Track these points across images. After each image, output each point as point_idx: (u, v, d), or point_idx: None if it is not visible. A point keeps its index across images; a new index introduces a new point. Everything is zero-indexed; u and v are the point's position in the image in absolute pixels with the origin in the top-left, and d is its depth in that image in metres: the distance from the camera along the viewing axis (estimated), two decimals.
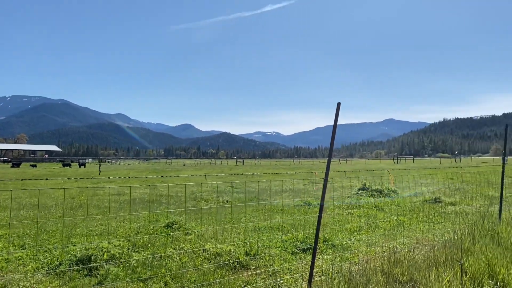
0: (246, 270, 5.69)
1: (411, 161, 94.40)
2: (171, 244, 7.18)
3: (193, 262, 6.03)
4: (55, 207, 12.45)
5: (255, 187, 18.56)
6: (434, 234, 7.95)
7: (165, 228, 8.51)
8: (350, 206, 12.09)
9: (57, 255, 6.34)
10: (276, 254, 6.42)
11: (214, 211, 11.29)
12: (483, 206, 11.57)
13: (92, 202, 13.67)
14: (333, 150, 5.21)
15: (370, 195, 14.39)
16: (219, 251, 6.41)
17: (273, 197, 14.90)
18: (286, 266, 5.82)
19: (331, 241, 7.25)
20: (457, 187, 17.34)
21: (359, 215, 10.37)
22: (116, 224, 9.40)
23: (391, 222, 9.36)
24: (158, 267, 5.76)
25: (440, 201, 12.51)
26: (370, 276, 5.07)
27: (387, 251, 6.43)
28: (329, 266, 5.77)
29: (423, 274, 5.10)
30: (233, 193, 16.19)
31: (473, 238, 6.65)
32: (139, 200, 14.29)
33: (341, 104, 5.22)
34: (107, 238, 7.65)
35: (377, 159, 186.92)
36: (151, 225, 9.07)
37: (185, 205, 12.80)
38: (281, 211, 11.39)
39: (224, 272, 5.60)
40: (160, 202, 13.72)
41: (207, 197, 14.76)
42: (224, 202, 13.51)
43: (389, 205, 12.19)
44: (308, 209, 11.67)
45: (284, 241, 7.23)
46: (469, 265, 5.20)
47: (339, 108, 5.09)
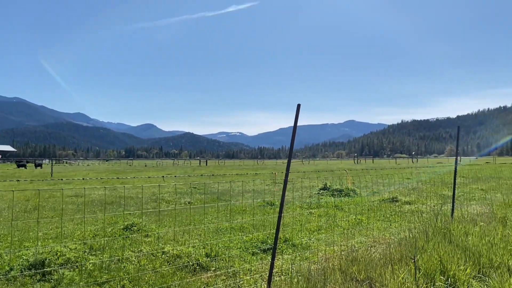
0: (206, 272, 5.66)
1: (370, 162, 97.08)
2: (129, 246, 7.03)
3: (152, 264, 5.93)
4: (8, 210, 11.92)
5: (217, 188, 18.48)
6: (390, 233, 8.20)
7: (124, 231, 8.33)
8: (311, 206, 12.26)
9: (8, 260, 6.07)
10: (237, 255, 6.42)
11: (174, 213, 11.15)
12: (437, 205, 12.03)
13: (48, 204, 13.18)
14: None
15: (331, 195, 14.66)
16: (178, 253, 6.33)
17: (235, 197, 14.88)
18: (246, 267, 5.83)
19: (292, 240, 7.33)
20: (413, 187, 17.95)
21: (320, 215, 10.54)
22: (72, 226, 9.12)
23: (350, 221, 9.58)
24: (116, 270, 5.62)
25: (397, 200, 12.90)
26: (329, 275, 5.16)
27: (345, 249, 6.56)
28: (289, 266, 5.83)
29: (379, 271, 5.24)
30: (195, 194, 16.06)
31: (427, 236, 6.90)
32: (97, 201, 13.90)
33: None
34: (63, 241, 7.39)
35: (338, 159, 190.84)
36: (110, 227, 8.85)
37: (142, 207, 12.57)
38: (243, 211, 11.40)
39: (183, 274, 5.54)
40: (120, 203, 13.41)
41: (169, 199, 14.56)
42: (185, 204, 13.37)
43: (348, 204, 12.46)
44: (270, 209, 11.74)
45: (245, 242, 7.24)
46: (422, 262, 5.39)
47: (299, 109, 5.15)
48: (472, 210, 10.34)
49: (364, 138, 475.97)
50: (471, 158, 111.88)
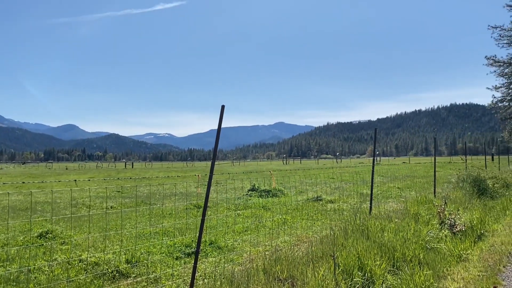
0: (126, 279, 5.43)
1: (298, 162, 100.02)
2: (43, 255, 6.55)
3: (67, 273, 5.57)
4: None
5: (143, 191, 17.93)
6: (313, 231, 8.44)
7: (38, 238, 7.76)
8: (238, 207, 12.30)
9: None
10: (159, 260, 6.24)
11: (96, 218, 10.61)
12: (357, 203, 12.63)
13: None
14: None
15: (259, 196, 14.83)
16: (97, 261, 6.01)
17: (162, 201, 14.52)
18: (168, 272, 5.67)
19: (217, 243, 7.28)
20: (336, 186, 18.72)
21: (247, 216, 10.61)
22: None
23: (276, 221, 9.74)
24: (25, 281, 5.20)
25: (321, 199, 13.35)
26: (252, 276, 5.18)
27: (270, 249, 6.64)
28: (213, 269, 5.77)
29: (301, 270, 5.36)
30: (119, 198, 15.43)
31: (346, 233, 7.19)
32: (11, 208, 12.84)
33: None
34: None
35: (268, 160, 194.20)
36: (22, 235, 8.20)
37: (66, 212, 11.83)
38: (170, 215, 11.15)
39: (101, 282, 5.26)
40: (36, 210, 12.50)
41: (90, 203, 13.84)
42: (108, 208, 12.79)
43: (275, 204, 12.68)
44: (197, 212, 11.59)
45: (169, 246, 7.06)
46: (342, 259, 5.61)
47: (223, 110, 5.12)
48: (388, 208, 10.97)
49: (292, 139, 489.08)
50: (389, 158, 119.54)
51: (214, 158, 5.27)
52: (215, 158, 5.29)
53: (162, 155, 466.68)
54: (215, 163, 34.29)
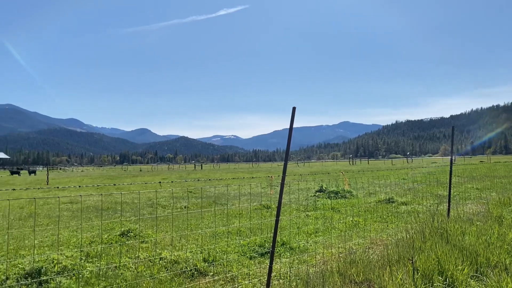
0: (204, 277, 5.63)
1: (366, 163, 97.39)
2: (126, 253, 6.98)
3: (150, 270, 5.90)
4: (2, 218, 11.82)
5: (213, 192, 18.44)
6: (387, 234, 8.20)
7: (120, 237, 8.27)
8: (307, 209, 12.26)
9: (4, 269, 6.00)
10: (234, 260, 6.40)
11: (171, 218, 11.11)
12: (433, 205, 12.07)
13: (42, 211, 13.08)
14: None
15: (327, 197, 14.67)
16: (176, 259, 6.30)
17: (231, 201, 14.86)
18: (244, 271, 5.80)
19: (289, 244, 7.31)
20: (409, 187, 18.01)
21: (316, 217, 10.54)
22: (68, 234, 9.04)
23: (347, 223, 9.58)
24: (113, 277, 5.58)
25: (393, 201, 12.93)
26: (327, 278, 5.16)
27: (343, 252, 6.56)
28: (287, 270, 5.81)
29: (377, 273, 5.24)
30: (191, 199, 16.01)
31: (424, 236, 6.91)
32: (93, 208, 13.82)
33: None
34: (59, 249, 7.33)
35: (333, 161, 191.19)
36: (106, 234, 8.79)
37: (139, 213, 12.51)
38: (240, 215, 11.37)
39: (181, 280, 5.51)
40: (115, 209, 13.33)
41: (164, 203, 14.50)
42: (181, 208, 13.32)
43: (345, 206, 12.47)
44: (266, 212, 11.73)
45: (242, 246, 7.21)
46: (420, 263, 5.40)
47: (294, 112, 5.15)
48: (468, 210, 10.38)
49: (359, 139, 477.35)
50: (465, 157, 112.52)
51: (286, 159, 5.32)
52: (287, 159, 5.33)
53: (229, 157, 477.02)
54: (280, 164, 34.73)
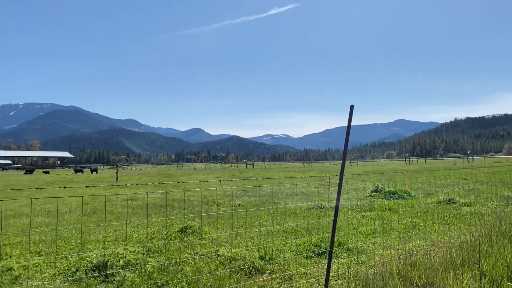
0: (262, 275, 5.68)
1: (423, 162, 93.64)
2: (185, 249, 7.20)
3: (208, 267, 6.04)
4: (69, 213, 12.57)
5: (266, 190, 18.54)
6: (449, 236, 7.86)
7: (179, 233, 8.53)
8: (363, 209, 12.01)
9: (74, 262, 6.40)
10: (291, 258, 6.40)
11: (226, 215, 11.30)
12: (498, 206, 11.41)
13: (105, 208, 13.76)
14: (342, 151, 5.19)
15: (383, 197, 14.29)
16: (233, 256, 6.40)
17: (285, 200, 14.86)
18: (301, 271, 5.79)
19: (346, 244, 7.21)
20: (471, 188, 17.13)
21: (373, 218, 10.30)
22: (130, 229, 9.46)
23: (406, 224, 9.28)
24: (174, 272, 5.77)
25: (454, 202, 12.36)
26: (387, 280, 5.03)
27: (403, 253, 6.37)
28: (345, 270, 5.73)
29: (440, 276, 5.04)
30: (245, 197, 16.19)
31: (490, 239, 6.55)
32: (151, 205, 14.36)
33: (349, 105, 5.20)
34: (122, 244, 7.69)
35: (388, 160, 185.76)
36: (165, 230, 9.10)
37: (201, 210, 12.82)
38: (294, 214, 11.35)
39: (239, 277, 5.59)
40: (173, 206, 13.77)
41: (219, 201, 14.78)
42: (236, 206, 13.51)
43: (403, 207, 12.09)
44: (321, 212, 11.63)
45: (298, 245, 7.20)
46: (487, 267, 5.13)
47: (352, 110, 5.07)
48: None
49: (415, 137, 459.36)
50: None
51: (344, 158, 5.24)
52: (345, 159, 5.26)
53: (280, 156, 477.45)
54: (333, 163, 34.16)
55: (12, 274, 5.88)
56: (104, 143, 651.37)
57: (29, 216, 12.21)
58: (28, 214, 12.52)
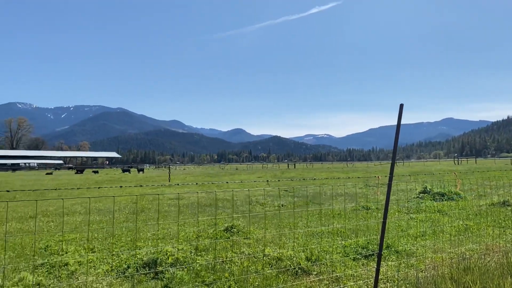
0: (308, 276, 5.65)
1: (473, 162, 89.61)
2: (231, 248, 7.28)
3: (255, 266, 6.08)
4: (119, 211, 13.04)
5: (309, 191, 18.41)
6: (505, 240, 7.49)
7: (225, 232, 8.64)
8: (411, 210, 11.67)
9: (125, 259, 6.63)
10: (338, 260, 6.32)
11: (270, 216, 11.32)
12: None
13: (152, 206, 14.17)
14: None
15: (432, 199, 13.82)
16: (279, 256, 6.41)
17: (328, 201, 14.70)
18: (349, 273, 5.71)
19: (394, 246, 7.03)
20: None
21: (422, 220, 9.99)
22: (176, 228, 9.68)
23: (457, 227, 8.93)
24: (221, 271, 5.86)
25: (509, 205, 11.76)
26: (439, 284, 4.87)
27: (455, 257, 6.13)
28: (394, 273, 5.60)
29: (497, 282, 4.82)
30: (287, 197, 16.16)
31: None
32: (196, 204, 14.63)
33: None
34: (170, 242, 7.89)
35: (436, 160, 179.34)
36: (211, 229, 9.25)
37: (249, 208, 12.93)
38: (338, 215, 11.20)
39: (286, 277, 5.59)
40: (217, 206, 13.96)
41: (262, 201, 14.84)
42: (279, 206, 13.52)
43: (453, 209, 11.64)
44: (366, 213, 11.41)
45: (344, 247, 7.10)
46: None
47: (402, 109, 4.95)
48: None
49: (464, 136, 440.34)
50: None
51: (393, 159, 5.12)
52: (394, 159, 5.13)
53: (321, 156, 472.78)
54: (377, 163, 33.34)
55: (68, 269, 6.18)
56: (150, 144, 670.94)
57: (81, 213, 12.79)
58: (80, 212, 13.11)
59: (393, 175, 4.92)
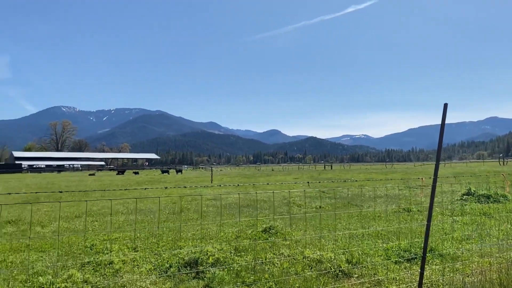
0: (349, 279, 5.58)
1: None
2: (270, 249, 7.30)
3: (294, 268, 6.07)
4: (159, 211, 13.35)
5: (347, 192, 18.16)
6: None
7: (263, 233, 8.67)
8: (454, 213, 11.29)
9: (167, 258, 6.79)
10: (379, 263, 6.21)
11: (308, 217, 11.26)
12: None
13: (191, 207, 14.41)
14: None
15: (477, 201, 13.31)
16: (319, 258, 6.37)
17: (367, 203, 14.44)
18: (391, 276, 5.59)
19: (438, 250, 6.83)
20: None
21: (466, 223, 9.64)
22: (215, 228, 9.81)
23: (505, 230, 8.56)
24: (261, 272, 5.89)
25: None
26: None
27: (503, 262, 5.89)
28: (439, 277, 5.44)
29: None
30: (325, 199, 16.01)
31: None
32: (234, 204, 14.75)
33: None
34: (210, 242, 8.01)
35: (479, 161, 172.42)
36: (249, 229, 9.30)
37: (272, 211, 12.93)
38: (378, 217, 10.99)
39: (326, 279, 5.55)
40: (254, 207, 14.02)
41: (299, 203, 14.77)
42: (316, 208, 13.41)
43: (500, 211, 11.17)
44: (407, 216, 11.13)
45: (386, 250, 6.96)
46: None
47: (446, 109, 4.82)
48: None
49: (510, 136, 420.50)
50: None
51: (438, 160, 4.98)
52: (439, 160, 4.99)
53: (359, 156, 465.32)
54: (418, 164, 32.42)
55: (113, 267, 6.39)
56: (187, 145, 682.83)
57: (123, 213, 13.18)
58: (122, 212, 13.51)
59: (437, 176, 4.78)
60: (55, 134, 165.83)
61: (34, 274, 6.06)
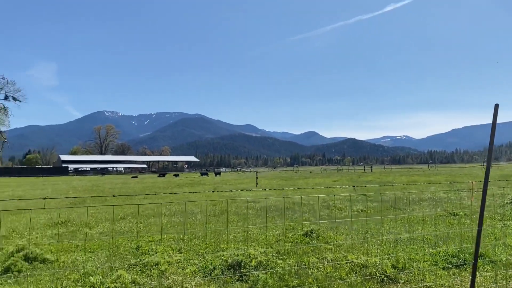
0: (395, 284, 5.46)
1: None
2: (312, 253, 7.25)
3: (338, 272, 6.00)
4: (201, 213, 13.56)
5: (389, 195, 17.76)
6: None
7: (304, 237, 8.63)
8: (504, 217, 10.80)
9: (210, 260, 6.89)
10: (426, 269, 6.03)
11: (349, 220, 11.10)
12: None
13: (231, 209, 14.54)
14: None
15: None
16: (363, 263, 6.27)
17: (411, 206, 14.06)
18: (439, 282, 5.43)
19: (488, 256, 6.56)
20: None
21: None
22: (256, 231, 9.85)
23: None
24: (305, 276, 5.86)
25: None
26: None
27: None
28: (491, 285, 5.23)
29: None
30: (367, 202, 15.71)
31: None
32: (273, 207, 14.76)
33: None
34: (251, 244, 8.05)
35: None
36: (290, 233, 9.28)
37: (311, 214, 12.82)
38: (423, 221, 10.68)
39: (372, 284, 5.45)
40: (294, 209, 13.97)
41: (340, 206, 14.58)
42: (358, 211, 13.20)
43: None
44: (453, 220, 10.76)
45: (432, 255, 6.76)
46: None
47: (497, 110, 4.64)
48: None
49: None
50: None
51: (489, 163, 4.80)
52: (490, 163, 4.81)
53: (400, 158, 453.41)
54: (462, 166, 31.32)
55: (159, 268, 6.56)
56: (225, 148, 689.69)
57: (166, 215, 13.47)
58: (165, 214, 13.81)
59: (488, 179, 4.61)
60: (99, 138, 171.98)
61: (85, 274, 6.31)
